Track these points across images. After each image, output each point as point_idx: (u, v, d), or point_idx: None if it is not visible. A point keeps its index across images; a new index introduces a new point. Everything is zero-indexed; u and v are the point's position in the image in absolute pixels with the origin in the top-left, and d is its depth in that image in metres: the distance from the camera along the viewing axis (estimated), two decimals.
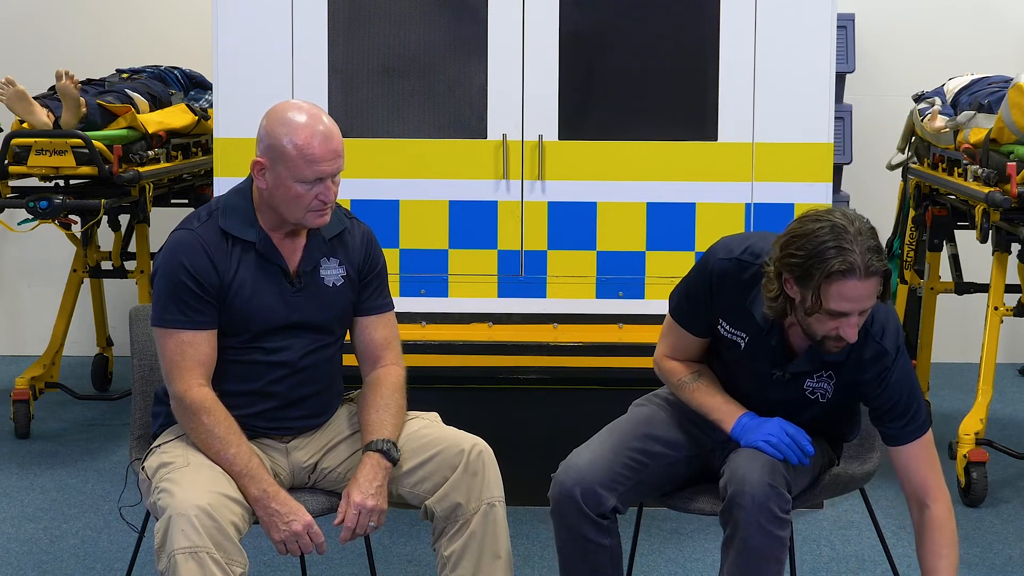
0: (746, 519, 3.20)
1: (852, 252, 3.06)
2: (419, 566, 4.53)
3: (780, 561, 3.25)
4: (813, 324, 3.18)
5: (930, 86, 6.39)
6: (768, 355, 3.34)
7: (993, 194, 5.02)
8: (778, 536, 3.22)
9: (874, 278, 3.10)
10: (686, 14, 4.92)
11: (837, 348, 3.22)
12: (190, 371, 3.32)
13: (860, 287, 3.09)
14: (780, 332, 3.32)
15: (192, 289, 3.33)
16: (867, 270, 3.08)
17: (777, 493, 3.22)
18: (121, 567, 4.44)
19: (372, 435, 3.39)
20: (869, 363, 3.30)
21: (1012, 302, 5.48)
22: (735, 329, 3.37)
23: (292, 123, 3.30)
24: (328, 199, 3.35)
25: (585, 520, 3.36)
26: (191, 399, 3.31)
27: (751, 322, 3.33)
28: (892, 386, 3.31)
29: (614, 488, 3.38)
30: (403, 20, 4.93)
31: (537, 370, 4.91)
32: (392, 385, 3.49)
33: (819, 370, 3.34)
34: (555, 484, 3.39)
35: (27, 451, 5.83)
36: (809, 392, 3.37)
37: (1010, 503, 5.19)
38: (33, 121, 5.64)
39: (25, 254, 7.51)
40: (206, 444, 3.30)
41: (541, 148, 4.91)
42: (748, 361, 3.38)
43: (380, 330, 3.56)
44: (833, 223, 3.10)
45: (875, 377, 3.30)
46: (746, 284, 3.31)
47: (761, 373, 3.37)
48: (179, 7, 7.38)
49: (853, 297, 3.10)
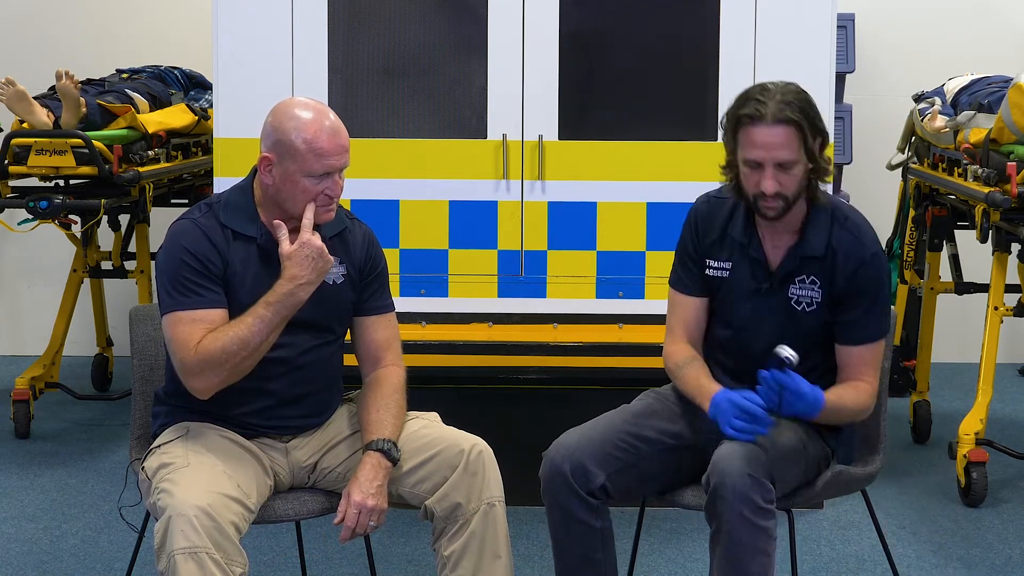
0: (728, 511, 3.21)
1: (765, 104, 3.28)
2: (419, 566, 4.53)
3: (767, 553, 3.24)
4: (743, 182, 3.36)
5: (930, 86, 6.39)
6: (751, 271, 3.45)
7: (993, 194, 5.02)
8: (762, 527, 3.22)
9: (783, 126, 3.27)
10: (686, 14, 4.92)
11: (769, 209, 3.34)
12: (196, 336, 3.28)
13: (768, 133, 3.28)
14: (758, 243, 3.45)
15: (197, 270, 3.32)
16: (775, 117, 3.27)
17: (758, 483, 3.22)
18: (121, 567, 4.44)
19: (372, 435, 3.39)
20: (846, 257, 3.40)
21: (1012, 302, 5.48)
22: (721, 262, 3.50)
23: (300, 118, 3.32)
24: (335, 193, 3.37)
25: (575, 498, 3.38)
26: (201, 347, 3.25)
27: (733, 245, 3.48)
28: (865, 283, 3.40)
29: (603, 466, 3.41)
30: (403, 20, 4.93)
31: (537, 370, 4.91)
32: (392, 385, 3.50)
33: (801, 272, 3.42)
34: (545, 461, 3.43)
35: (27, 451, 5.83)
36: (795, 302, 3.43)
37: (1010, 503, 5.19)
38: (33, 121, 5.64)
39: (25, 254, 7.51)
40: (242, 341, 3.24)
41: (541, 148, 4.91)
42: (736, 288, 3.48)
43: (381, 331, 3.56)
44: (763, 85, 3.35)
45: (851, 272, 3.40)
46: (724, 216, 3.50)
47: (750, 295, 3.46)
48: (179, 7, 7.39)
49: (761, 144, 3.28)
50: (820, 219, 3.43)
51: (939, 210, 5.95)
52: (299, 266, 3.30)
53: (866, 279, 3.41)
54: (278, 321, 3.30)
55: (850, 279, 3.41)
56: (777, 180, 3.31)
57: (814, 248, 3.41)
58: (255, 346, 3.28)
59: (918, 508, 5.13)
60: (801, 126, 3.29)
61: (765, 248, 3.47)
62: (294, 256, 3.30)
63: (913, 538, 4.83)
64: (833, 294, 3.43)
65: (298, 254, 3.30)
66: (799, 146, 3.30)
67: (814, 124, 3.32)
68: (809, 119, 3.31)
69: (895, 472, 5.47)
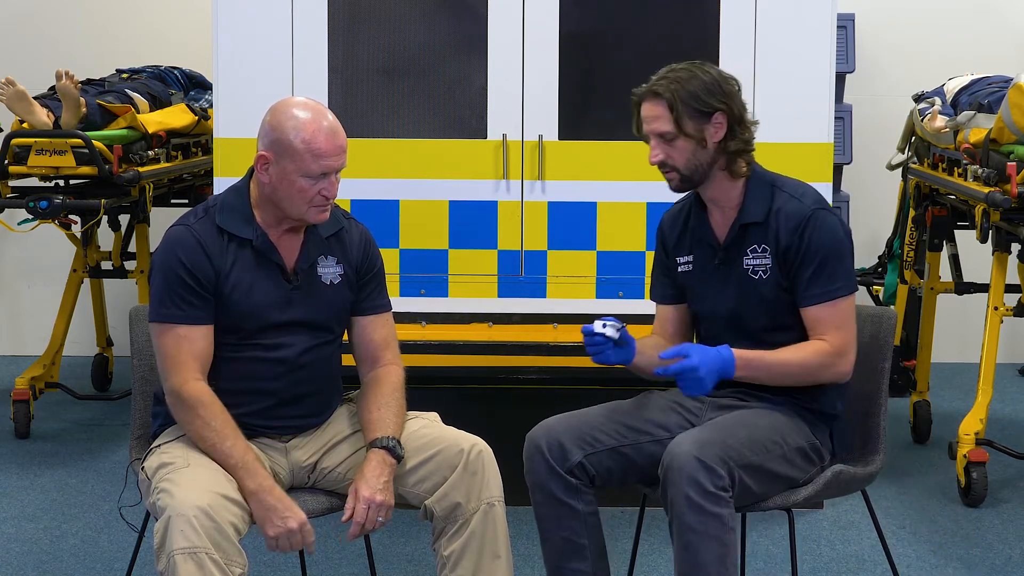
0: (677, 494, 3.22)
1: (649, 81, 3.50)
2: (419, 566, 4.53)
3: (722, 542, 3.21)
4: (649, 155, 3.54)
5: (930, 86, 6.39)
6: (706, 250, 3.56)
7: (993, 194, 5.02)
8: (712, 512, 3.20)
9: (652, 100, 3.46)
10: (686, 14, 4.92)
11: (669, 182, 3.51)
12: (186, 365, 3.33)
13: (645, 107, 3.48)
14: (709, 227, 3.57)
15: (188, 283, 3.34)
16: (648, 92, 3.47)
17: (706, 467, 3.21)
18: (121, 567, 4.44)
19: (376, 433, 3.40)
20: (787, 217, 3.47)
21: (1012, 302, 5.48)
22: (684, 257, 3.62)
23: (298, 118, 3.32)
24: (331, 194, 3.38)
25: (553, 476, 3.42)
26: (187, 393, 3.31)
27: (692, 239, 3.60)
28: (810, 240, 3.44)
29: (582, 446, 3.44)
30: (403, 20, 4.93)
31: (537, 370, 4.91)
32: (392, 384, 3.50)
33: (748, 242, 3.50)
34: (526, 442, 3.50)
35: (27, 451, 5.83)
36: (751, 272, 3.50)
37: (1010, 503, 5.19)
38: (33, 121, 5.64)
39: (25, 254, 7.51)
40: (202, 438, 3.30)
41: (541, 148, 4.91)
42: (698, 275, 3.59)
43: (379, 330, 3.56)
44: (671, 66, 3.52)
45: (792, 231, 3.45)
46: (683, 217, 3.64)
47: (710, 274, 3.56)
48: (179, 7, 7.39)
49: (644, 117, 3.48)
50: (758, 190, 3.53)
51: (939, 210, 5.95)
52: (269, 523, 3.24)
53: (811, 237, 3.45)
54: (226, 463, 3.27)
55: (793, 238, 3.46)
56: (662, 151, 3.47)
57: (752, 215, 3.50)
58: (203, 445, 3.30)
59: (918, 508, 5.13)
60: (670, 101, 3.43)
61: (715, 230, 3.57)
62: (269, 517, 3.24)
63: (913, 538, 4.83)
64: (781, 256, 3.49)
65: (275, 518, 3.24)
66: (671, 119, 3.44)
67: (696, 99, 3.43)
68: (685, 94, 3.43)
69: (895, 472, 5.47)
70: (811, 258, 3.45)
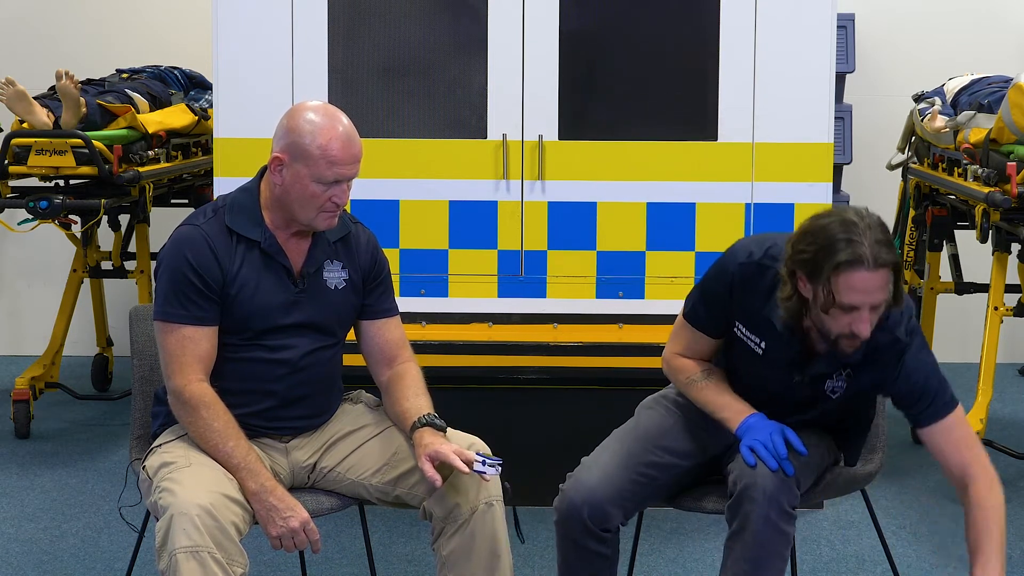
0: (756, 513, 3.19)
1: (861, 244, 3.06)
2: (419, 566, 4.53)
3: (784, 558, 3.25)
4: (827, 322, 3.16)
5: (930, 86, 6.39)
6: (787, 360, 3.32)
7: (993, 194, 5.02)
8: (784, 531, 3.22)
9: (883, 270, 3.08)
10: (686, 14, 4.92)
11: (852, 347, 3.19)
12: (189, 366, 3.33)
13: (869, 278, 3.08)
14: (800, 339, 3.29)
15: (195, 284, 3.34)
16: (876, 261, 3.06)
17: (788, 487, 3.22)
18: (121, 567, 4.44)
19: (414, 416, 3.41)
20: (884, 353, 3.28)
21: (1012, 302, 5.48)
22: (752, 334, 3.35)
23: (316, 123, 3.32)
24: (341, 201, 3.38)
25: (590, 536, 3.38)
26: (190, 393, 3.31)
27: (770, 328, 3.30)
28: (909, 371, 3.29)
29: (622, 505, 3.38)
30: (403, 20, 4.93)
31: (537, 370, 4.91)
32: (415, 377, 3.53)
33: (838, 370, 3.33)
34: (563, 498, 3.39)
35: (27, 451, 5.83)
36: (830, 391, 3.37)
37: (1010, 503, 5.12)
38: (33, 121, 5.64)
39: (25, 254, 7.51)
40: (204, 438, 3.30)
41: (541, 148, 4.91)
42: (766, 365, 3.36)
43: (393, 331, 3.59)
44: (843, 218, 3.11)
45: (891, 365, 3.29)
46: (767, 289, 3.28)
47: (780, 377, 3.35)
48: (179, 7, 7.38)
49: (862, 288, 3.08)
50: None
51: (939, 210, 5.96)
52: (272, 523, 3.26)
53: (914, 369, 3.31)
54: (228, 464, 3.29)
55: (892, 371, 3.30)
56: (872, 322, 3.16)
57: (850, 356, 3.27)
58: (206, 445, 3.30)
59: (918, 508, 5.14)
60: (897, 265, 3.13)
61: (805, 345, 3.33)
62: (272, 517, 3.26)
63: (913, 538, 4.83)
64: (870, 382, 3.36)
65: (276, 518, 3.27)
66: (889, 287, 3.15)
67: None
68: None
69: (895, 472, 5.47)
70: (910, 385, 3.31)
